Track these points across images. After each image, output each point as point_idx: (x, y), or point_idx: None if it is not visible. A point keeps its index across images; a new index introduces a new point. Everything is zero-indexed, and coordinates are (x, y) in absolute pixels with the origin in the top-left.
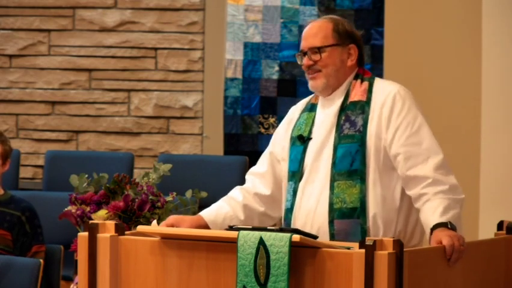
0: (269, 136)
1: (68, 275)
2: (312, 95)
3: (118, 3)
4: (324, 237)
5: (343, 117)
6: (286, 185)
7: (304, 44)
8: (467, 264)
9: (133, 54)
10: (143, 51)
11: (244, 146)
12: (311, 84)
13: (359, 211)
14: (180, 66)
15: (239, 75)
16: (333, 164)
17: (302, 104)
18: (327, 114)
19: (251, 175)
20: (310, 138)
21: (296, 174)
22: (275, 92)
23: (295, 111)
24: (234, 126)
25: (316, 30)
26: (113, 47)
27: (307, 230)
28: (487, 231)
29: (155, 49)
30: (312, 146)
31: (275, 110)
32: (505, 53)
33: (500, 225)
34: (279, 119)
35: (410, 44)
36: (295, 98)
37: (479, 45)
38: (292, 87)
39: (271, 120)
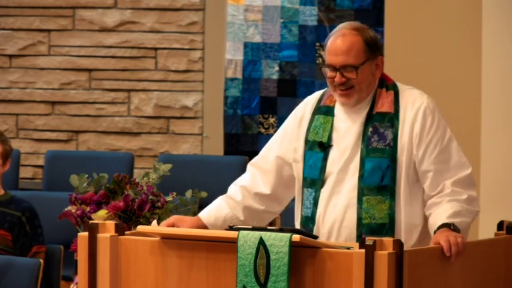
0: (269, 136)
1: (68, 275)
2: (323, 91)
3: (118, 3)
4: None
5: (370, 129)
6: (301, 190)
7: (335, 60)
8: (467, 264)
9: (133, 54)
10: (143, 51)
11: (244, 146)
12: (342, 101)
13: (388, 227)
14: (180, 66)
15: (239, 75)
16: (361, 177)
17: (313, 102)
18: (351, 123)
19: (253, 167)
20: (331, 146)
21: (317, 182)
22: (275, 92)
23: (305, 109)
24: (234, 126)
25: (348, 45)
26: (113, 47)
27: (331, 241)
28: (487, 231)
29: (155, 49)
30: (335, 154)
31: (275, 110)
32: (505, 53)
33: (500, 225)
34: (279, 119)
35: (410, 44)
36: (295, 98)
37: (479, 45)
38: (292, 87)
39: (271, 120)
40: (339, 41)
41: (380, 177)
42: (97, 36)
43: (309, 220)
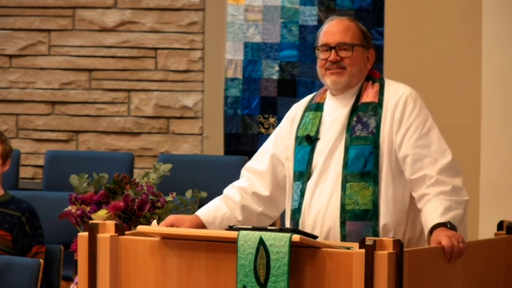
0: (269, 136)
1: (68, 275)
2: (315, 93)
3: (118, 3)
4: (334, 238)
5: (355, 118)
6: (292, 186)
7: (330, 39)
8: (467, 264)
9: (133, 54)
10: (143, 51)
11: (244, 146)
12: (332, 79)
13: (371, 213)
14: (180, 66)
15: (239, 75)
16: (345, 164)
17: (305, 102)
18: (337, 114)
19: (248, 172)
20: (318, 139)
21: (304, 174)
22: (275, 92)
23: (297, 109)
24: (234, 126)
25: (345, 27)
26: (113, 47)
27: (317, 230)
28: (487, 231)
29: (155, 49)
30: (321, 146)
31: (275, 110)
32: (505, 53)
33: (500, 225)
34: (279, 119)
35: (410, 44)
36: (295, 98)
37: (479, 45)
38: (292, 87)
39: (272, 120)
40: (336, 24)
41: (363, 164)
42: (97, 36)
43: (296, 211)
